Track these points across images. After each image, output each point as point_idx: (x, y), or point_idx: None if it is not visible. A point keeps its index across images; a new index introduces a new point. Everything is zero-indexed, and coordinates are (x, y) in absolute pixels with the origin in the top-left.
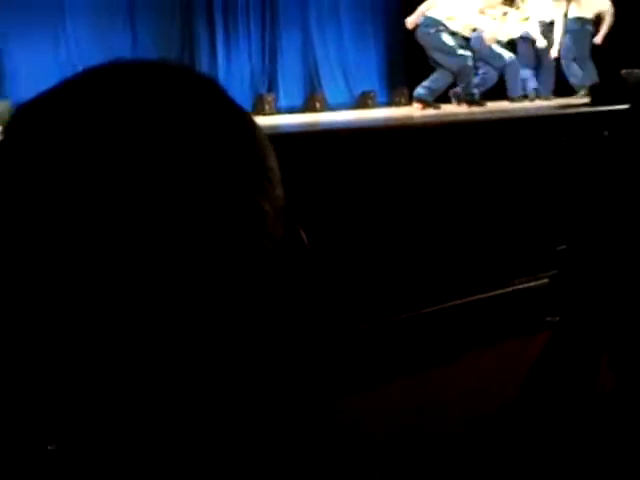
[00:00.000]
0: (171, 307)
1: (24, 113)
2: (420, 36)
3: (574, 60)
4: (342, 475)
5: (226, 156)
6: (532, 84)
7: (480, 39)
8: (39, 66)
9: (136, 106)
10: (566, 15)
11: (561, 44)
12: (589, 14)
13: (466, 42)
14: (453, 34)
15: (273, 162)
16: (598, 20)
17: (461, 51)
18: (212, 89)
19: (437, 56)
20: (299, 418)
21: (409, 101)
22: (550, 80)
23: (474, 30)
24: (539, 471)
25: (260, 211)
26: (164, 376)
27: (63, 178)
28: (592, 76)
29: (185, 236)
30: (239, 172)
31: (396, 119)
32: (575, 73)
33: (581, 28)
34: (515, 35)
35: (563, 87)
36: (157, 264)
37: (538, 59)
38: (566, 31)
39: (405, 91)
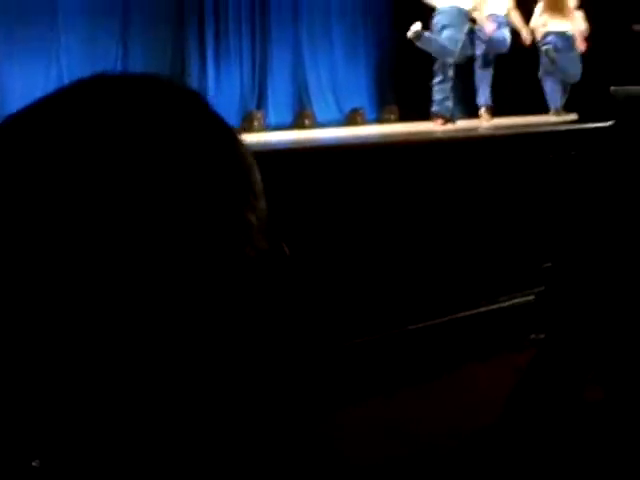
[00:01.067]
0: (157, 317)
1: (7, 127)
2: None
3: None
4: None
5: (212, 169)
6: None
7: None
8: (29, 81)
9: (121, 119)
10: None
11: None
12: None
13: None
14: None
15: (257, 175)
16: None
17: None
18: (196, 102)
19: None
20: (288, 434)
21: (398, 118)
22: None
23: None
24: None
25: (246, 223)
26: (147, 389)
27: (46, 192)
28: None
29: (171, 249)
30: (225, 185)
31: (383, 136)
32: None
33: None
34: None
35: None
36: (143, 274)
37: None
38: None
39: (394, 108)
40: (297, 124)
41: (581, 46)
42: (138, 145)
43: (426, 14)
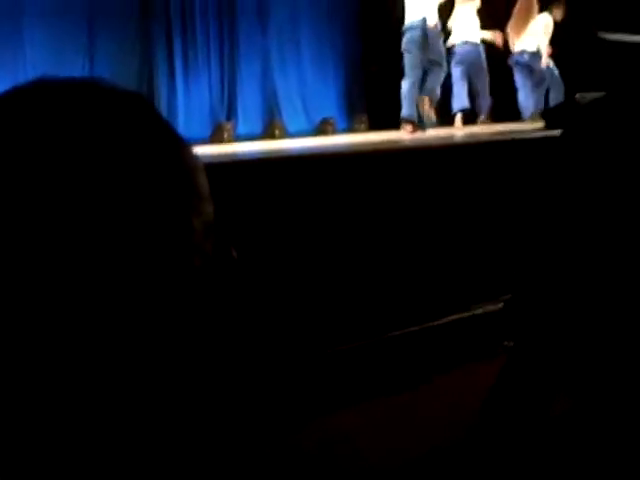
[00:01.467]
0: (101, 324)
1: None
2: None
3: None
4: None
5: (155, 174)
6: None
7: None
8: None
9: (61, 126)
10: None
11: None
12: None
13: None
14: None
15: (202, 179)
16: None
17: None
18: (140, 106)
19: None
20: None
21: (369, 127)
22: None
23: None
24: None
25: (189, 227)
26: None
27: None
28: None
29: (113, 253)
30: (168, 189)
31: (350, 146)
32: None
33: None
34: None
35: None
36: (86, 280)
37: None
38: None
39: (364, 117)
40: (267, 135)
41: (544, 61)
42: (78, 152)
43: (393, 24)
